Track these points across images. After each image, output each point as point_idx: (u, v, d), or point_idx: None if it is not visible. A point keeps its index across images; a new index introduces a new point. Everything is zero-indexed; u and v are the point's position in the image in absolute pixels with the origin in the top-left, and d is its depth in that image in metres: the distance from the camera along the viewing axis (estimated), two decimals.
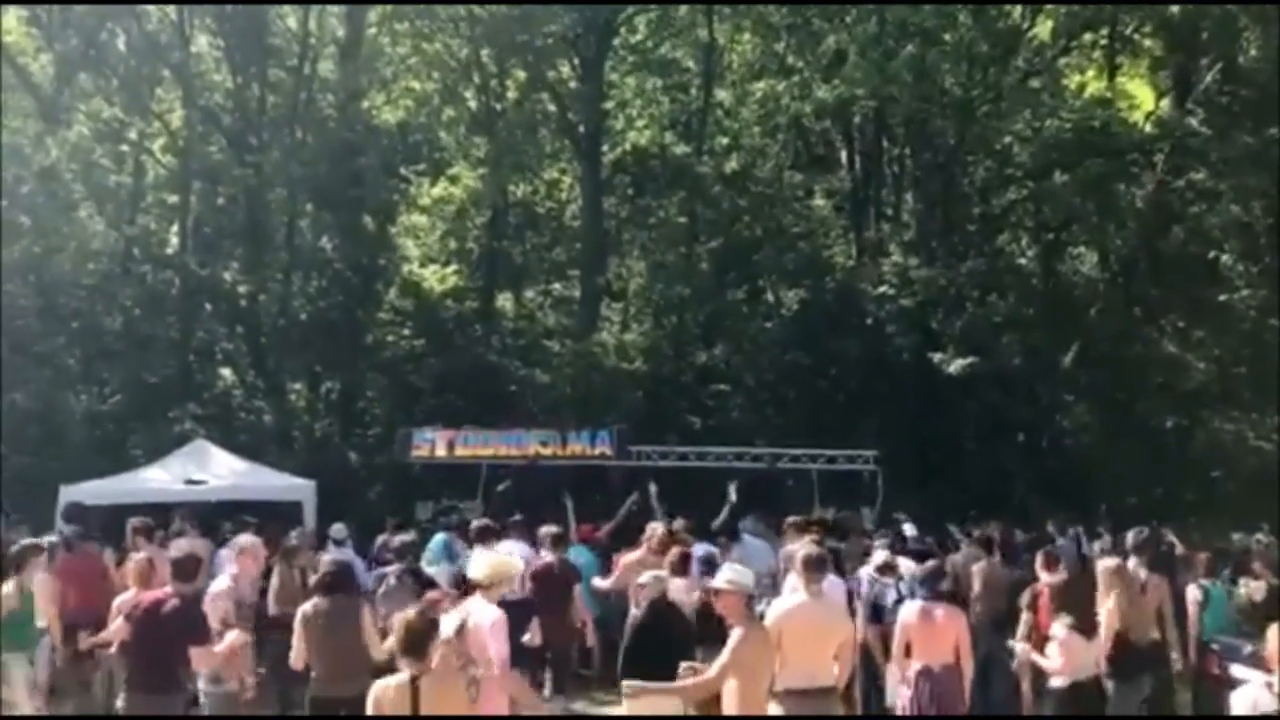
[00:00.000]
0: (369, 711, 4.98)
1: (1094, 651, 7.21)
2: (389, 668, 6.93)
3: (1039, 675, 7.82)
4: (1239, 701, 5.02)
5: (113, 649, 7.90)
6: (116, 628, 7.48)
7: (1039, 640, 7.95)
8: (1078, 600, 7.40)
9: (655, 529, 9.70)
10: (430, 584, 9.25)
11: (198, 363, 22.02)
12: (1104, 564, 8.40)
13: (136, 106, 21.48)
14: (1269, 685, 4.87)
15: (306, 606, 7.09)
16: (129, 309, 20.51)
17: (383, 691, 4.97)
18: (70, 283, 20.17)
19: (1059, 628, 7.31)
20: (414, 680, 4.91)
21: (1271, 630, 5.14)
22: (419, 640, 4.97)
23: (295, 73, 22.37)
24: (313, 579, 9.93)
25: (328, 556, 8.35)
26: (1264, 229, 21.00)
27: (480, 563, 6.72)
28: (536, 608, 8.85)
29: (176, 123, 22.26)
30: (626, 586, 9.00)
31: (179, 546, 10.03)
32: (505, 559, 6.98)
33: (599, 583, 10.27)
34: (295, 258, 21.82)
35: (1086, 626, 7.22)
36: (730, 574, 5.93)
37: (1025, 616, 8.65)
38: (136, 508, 11.88)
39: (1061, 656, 7.17)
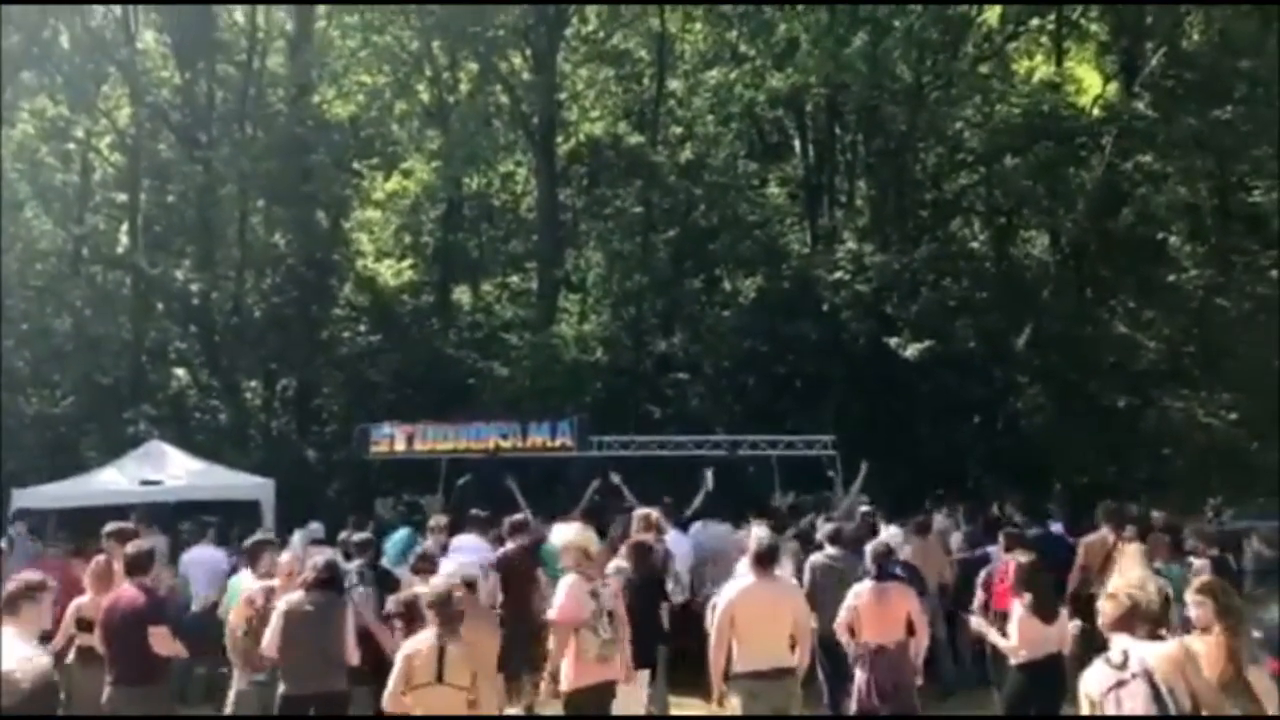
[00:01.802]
0: (396, 670, 5.84)
1: (1054, 632, 7.27)
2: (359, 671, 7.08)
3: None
4: (1089, 679, 4.99)
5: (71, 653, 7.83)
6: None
7: (996, 619, 8.06)
8: (1040, 581, 7.44)
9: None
10: (393, 580, 9.22)
11: (151, 363, 21.79)
12: (1131, 547, 8.53)
13: (82, 104, 21.18)
14: (1107, 660, 4.88)
15: (292, 598, 7.03)
16: (79, 310, 20.23)
17: (414, 650, 5.86)
18: (18, 284, 19.87)
19: (1017, 607, 7.41)
20: (440, 642, 5.84)
21: (1103, 601, 5.17)
22: (451, 609, 5.95)
23: (244, 68, 22.17)
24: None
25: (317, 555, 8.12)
26: (1210, 210, 21.38)
27: (561, 533, 7.43)
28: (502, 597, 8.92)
29: (124, 120, 21.99)
30: None
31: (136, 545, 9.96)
32: (583, 531, 7.42)
33: None
34: (248, 255, 21.61)
35: (1047, 608, 7.27)
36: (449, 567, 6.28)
37: (979, 595, 8.81)
38: (92, 510, 11.75)
39: (1018, 636, 7.25)
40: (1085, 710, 4.89)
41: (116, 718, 6.87)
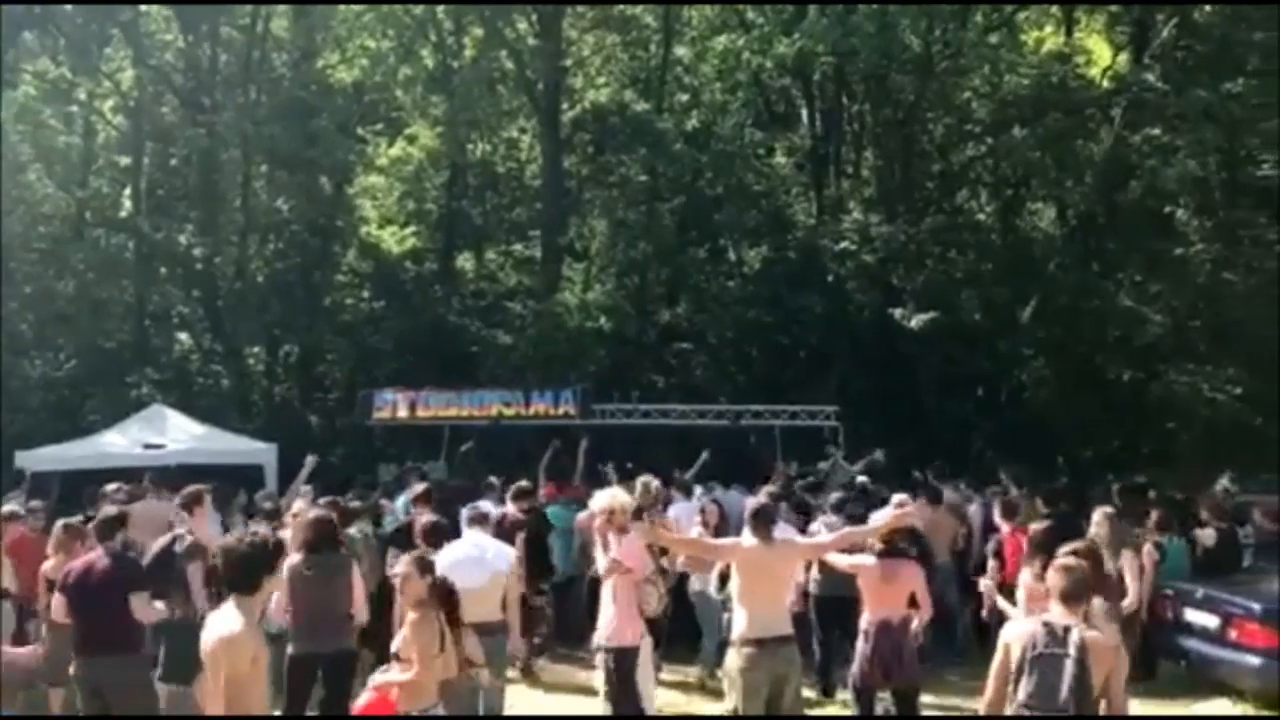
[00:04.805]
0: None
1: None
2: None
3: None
4: (1012, 631, 4.97)
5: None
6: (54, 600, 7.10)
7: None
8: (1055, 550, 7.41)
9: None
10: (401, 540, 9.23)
11: (154, 327, 21.82)
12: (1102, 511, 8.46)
13: (85, 66, 21.05)
14: (1049, 627, 4.81)
15: (292, 561, 6.90)
16: (82, 273, 20.17)
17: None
18: (21, 246, 19.84)
19: (1026, 574, 7.37)
20: None
21: (1052, 572, 5.07)
22: None
23: (248, 31, 22.01)
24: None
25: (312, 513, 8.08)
26: (1218, 183, 21.22)
27: (600, 496, 7.35)
28: None
29: (127, 83, 21.85)
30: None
31: (144, 508, 9.97)
32: (619, 491, 7.52)
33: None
34: (251, 220, 21.56)
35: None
36: None
37: (992, 563, 8.81)
38: (94, 473, 11.75)
39: (1025, 604, 7.21)
40: (1000, 654, 4.86)
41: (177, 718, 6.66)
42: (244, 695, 4.30)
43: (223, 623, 4.38)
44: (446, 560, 6.90)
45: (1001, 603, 7.36)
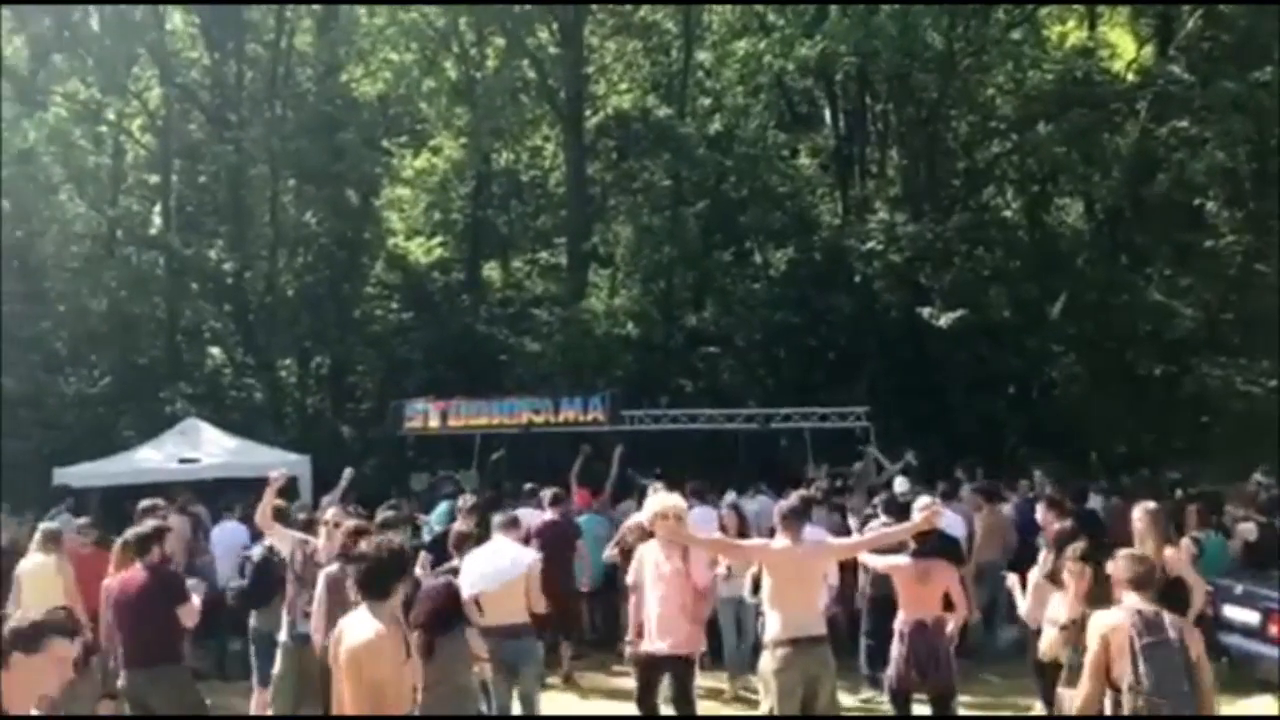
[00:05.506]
0: None
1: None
2: None
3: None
4: (1105, 623, 4.92)
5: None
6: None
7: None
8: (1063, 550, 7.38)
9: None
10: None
11: (186, 342, 21.99)
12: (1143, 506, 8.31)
13: (113, 86, 21.24)
14: (1140, 614, 4.77)
15: (330, 570, 6.99)
16: (115, 291, 20.35)
17: None
18: (54, 266, 20.07)
19: (1034, 572, 7.37)
20: None
21: (1120, 560, 5.09)
22: None
23: (272, 47, 22.20)
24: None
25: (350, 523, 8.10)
26: (1248, 174, 21.01)
27: (649, 504, 7.35)
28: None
29: (154, 101, 22.09)
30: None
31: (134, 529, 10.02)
32: (668, 496, 7.44)
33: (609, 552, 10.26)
34: (280, 234, 21.73)
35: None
36: None
37: (1044, 554, 8.77)
38: (131, 488, 11.89)
39: (1031, 598, 7.21)
40: (1097, 647, 4.83)
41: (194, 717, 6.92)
42: (385, 698, 4.41)
43: (360, 628, 4.47)
44: (469, 566, 7.04)
45: (1018, 597, 7.37)
